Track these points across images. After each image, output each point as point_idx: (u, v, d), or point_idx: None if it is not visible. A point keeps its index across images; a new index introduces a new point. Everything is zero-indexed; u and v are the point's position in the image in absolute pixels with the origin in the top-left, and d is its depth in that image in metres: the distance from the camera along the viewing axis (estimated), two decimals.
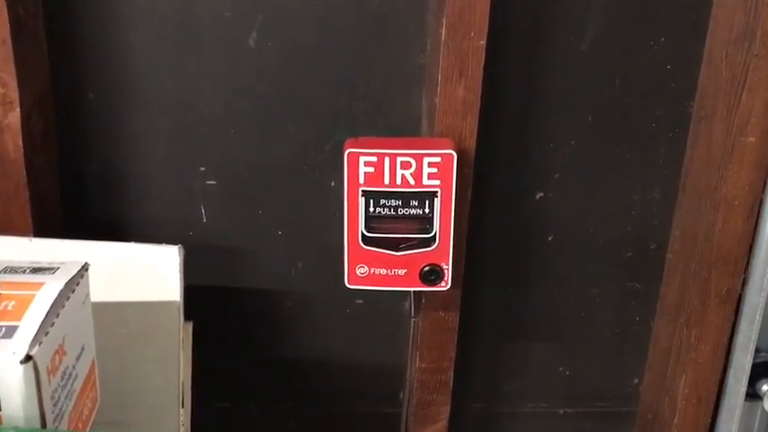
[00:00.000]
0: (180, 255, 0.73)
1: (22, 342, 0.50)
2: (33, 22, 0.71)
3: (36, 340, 0.50)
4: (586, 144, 0.83)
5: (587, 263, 0.88)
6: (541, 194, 0.85)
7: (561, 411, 0.94)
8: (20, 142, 0.70)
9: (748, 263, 0.77)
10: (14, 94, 0.69)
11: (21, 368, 0.49)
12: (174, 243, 0.71)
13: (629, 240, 0.87)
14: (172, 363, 0.74)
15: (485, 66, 0.71)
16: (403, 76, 0.78)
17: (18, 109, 0.69)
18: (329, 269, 0.83)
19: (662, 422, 0.87)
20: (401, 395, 0.90)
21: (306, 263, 0.85)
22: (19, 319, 0.52)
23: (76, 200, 0.80)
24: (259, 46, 0.77)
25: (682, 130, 0.82)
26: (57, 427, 0.53)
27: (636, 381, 0.93)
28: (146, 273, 0.73)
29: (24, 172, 0.71)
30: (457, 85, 0.71)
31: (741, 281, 0.77)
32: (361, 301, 0.87)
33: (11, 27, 0.67)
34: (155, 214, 0.81)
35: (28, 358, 0.49)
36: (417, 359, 0.83)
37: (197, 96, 0.78)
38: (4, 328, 0.51)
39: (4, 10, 0.66)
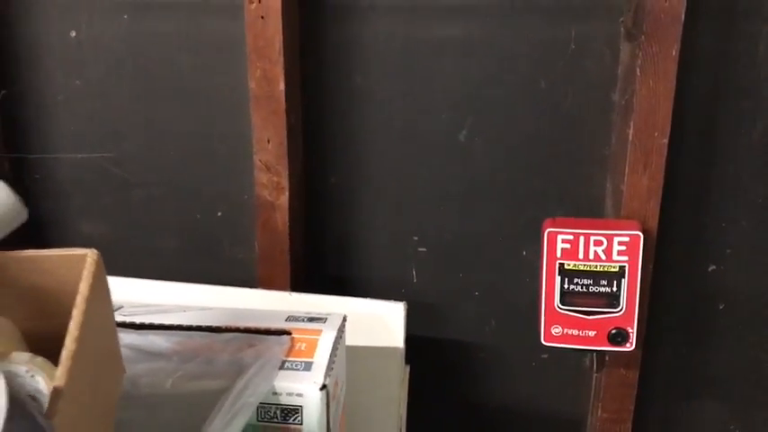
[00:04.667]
0: (404, 309, 0.89)
1: (319, 374, 0.67)
2: (297, 126, 0.91)
3: (327, 373, 0.68)
4: (757, 224, 0.92)
5: (756, 330, 0.96)
6: (714, 267, 0.95)
7: None
8: (286, 218, 0.90)
9: None
10: (285, 182, 0.89)
11: (319, 393, 0.66)
12: (389, 299, 0.89)
13: None
14: (394, 400, 0.90)
15: (669, 159, 0.84)
16: (588, 164, 0.92)
17: (287, 193, 0.89)
18: (519, 326, 0.97)
19: None
20: None
21: (497, 320, 0.99)
22: (311, 356, 0.70)
23: (316, 263, 0.99)
24: (467, 141, 0.93)
25: None
26: None
27: None
28: (376, 323, 0.90)
29: (288, 242, 0.91)
30: (642, 176, 0.84)
31: None
32: (546, 356, 1.00)
33: (287, 132, 0.87)
34: (377, 275, 0.99)
35: (323, 387, 0.67)
36: (600, 411, 0.94)
37: (415, 180, 0.95)
38: (303, 364, 0.69)
39: (284, 120, 0.87)
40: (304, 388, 0.66)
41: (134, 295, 0.86)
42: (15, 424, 0.40)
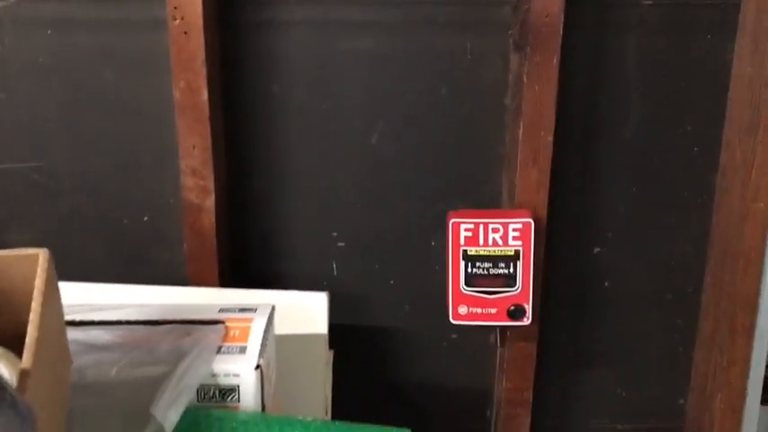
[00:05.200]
0: (326, 298, 0.98)
1: (252, 356, 0.75)
2: (220, 133, 0.98)
3: (260, 355, 0.75)
4: (633, 210, 1.05)
5: (638, 304, 1.10)
6: (598, 249, 1.07)
7: (620, 427, 1.15)
8: (213, 219, 0.97)
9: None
10: (211, 185, 0.96)
11: (254, 373, 0.74)
12: (312, 291, 0.97)
13: (670, 286, 1.09)
14: (320, 382, 0.98)
15: (555, 154, 0.96)
16: (486, 161, 1.03)
17: (213, 196, 0.96)
18: (431, 309, 1.07)
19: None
20: (488, 412, 1.12)
21: (411, 305, 1.09)
22: (245, 341, 0.77)
23: (243, 261, 1.06)
24: (378, 143, 1.02)
25: (708, 199, 1.05)
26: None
27: (681, 401, 1.14)
28: (301, 313, 0.97)
29: (215, 243, 0.97)
30: (531, 170, 0.96)
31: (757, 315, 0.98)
32: (455, 336, 1.10)
33: (211, 138, 0.94)
34: (300, 270, 1.07)
35: (258, 366, 0.74)
36: (504, 381, 1.05)
37: (332, 181, 1.04)
38: (238, 348, 0.76)
39: (208, 127, 0.93)
40: (240, 368, 0.73)
41: (69, 297, 0.90)
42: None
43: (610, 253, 1.07)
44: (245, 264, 1.06)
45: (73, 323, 0.77)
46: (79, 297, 0.90)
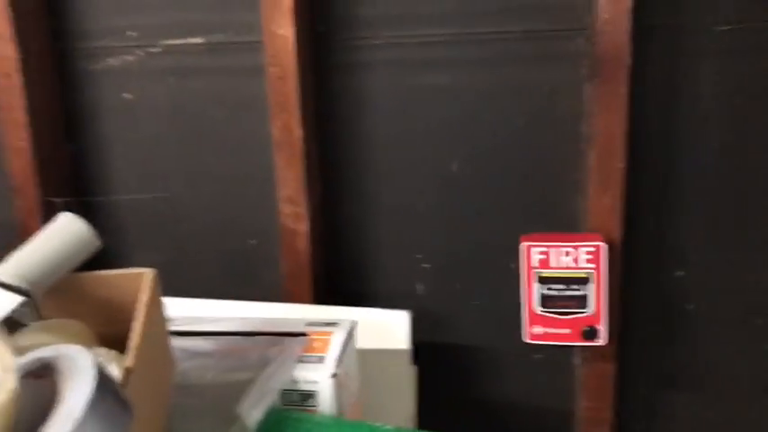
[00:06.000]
0: (408, 316, 1.05)
1: (330, 365, 0.84)
2: (314, 165, 1.08)
3: (337, 365, 0.84)
4: (716, 234, 1.05)
5: (725, 328, 1.09)
6: (680, 272, 1.08)
7: None
8: (307, 242, 1.07)
9: None
10: (304, 212, 1.07)
11: (330, 381, 0.82)
12: (397, 309, 1.04)
13: (760, 310, 1.07)
14: (403, 395, 1.06)
15: (625, 181, 0.98)
16: (562, 187, 1.07)
17: (307, 221, 1.07)
18: (513, 329, 1.12)
19: None
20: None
21: (494, 325, 1.14)
22: (324, 352, 0.86)
23: (335, 280, 1.16)
24: (458, 171, 1.09)
25: None
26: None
27: None
28: (385, 329, 1.05)
29: (309, 263, 1.08)
30: (604, 196, 0.99)
31: None
32: (538, 356, 1.14)
33: (305, 170, 1.05)
34: (385, 289, 1.15)
35: (334, 375, 0.83)
36: (583, 400, 1.08)
37: (416, 207, 1.11)
38: (317, 357, 0.85)
39: (301, 161, 1.04)
40: (318, 376, 0.82)
41: (182, 311, 1.03)
42: (102, 390, 0.57)
43: (692, 276, 1.08)
44: (338, 284, 1.15)
45: (179, 333, 0.89)
46: (189, 311, 1.03)
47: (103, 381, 0.58)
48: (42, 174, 1.12)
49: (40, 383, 0.58)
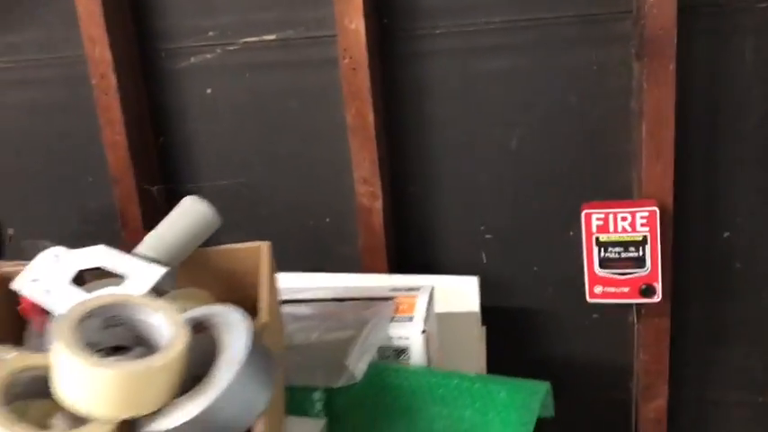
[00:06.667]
0: (477, 282, 1.15)
1: (419, 323, 0.94)
2: (385, 148, 1.18)
3: (425, 323, 0.94)
4: (760, 198, 1.14)
5: None
6: (728, 233, 1.17)
7: (760, 399, 1.22)
8: (381, 219, 1.17)
9: None
10: (378, 192, 1.17)
11: (421, 336, 0.93)
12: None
13: None
14: (474, 353, 1.16)
15: (675, 150, 1.07)
16: (616, 158, 1.16)
17: (380, 200, 1.17)
18: (572, 292, 1.21)
19: None
20: (630, 384, 1.24)
21: (558, 286, 1.23)
22: (412, 313, 0.96)
23: (405, 252, 1.26)
24: (517, 148, 1.18)
25: None
26: None
27: None
28: (456, 294, 1.15)
29: (384, 238, 1.18)
30: (656, 164, 1.08)
31: None
32: (596, 316, 1.23)
33: (377, 152, 1.15)
34: (452, 259, 1.25)
35: (424, 331, 0.93)
36: (641, 354, 1.17)
37: (478, 182, 1.21)
38: (407, 318, 0.95)
39: (374, 143, 1.14)
40: (409, 333, 0.93)
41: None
42: (254, 341, 0.68)
43: (739, 237, 1.16)
44: (408, 255, 1.26)
45: (281, 301, 1.00)
46: (282, 283, 1.14)
47: (253, 333, 0.68)
48: (137, 165, 1.23)
49: (198, 337, 0.68)
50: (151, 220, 1.24)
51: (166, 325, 0.66)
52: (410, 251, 1.26)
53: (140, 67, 1.25)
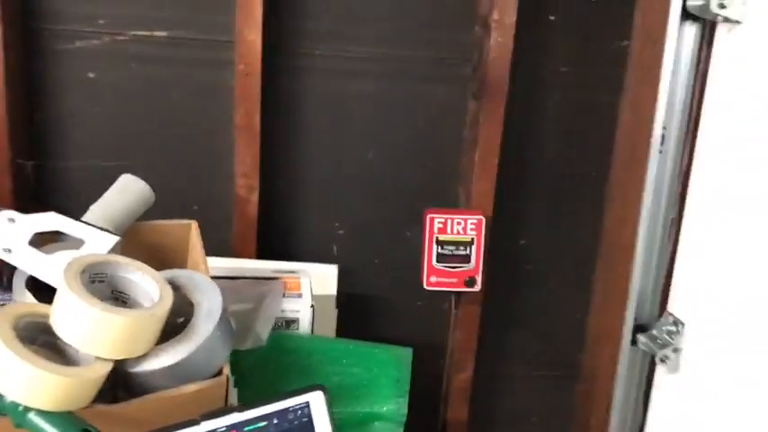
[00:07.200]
0: (336, 269, 1.35)
1: (308, 300, 1.12)
2: (263, 147, 1.34)
3: (312, 300, 1.12)
4: (548, 213, 1.49)
5: (553, 281, 1.53)
6: (524, 241, 1.50)
7: (535, 373, 1.58)
8: (256, 210, 1.33)
9: None
10: (256, 185, 1.32)
11: (310, 310, 1.11)
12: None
13: (576, 266, 1.53)
14: (330, 331, 1.36)
15: (498, 172, 1.37)
16: (447, 176, 1.44)
17: (257, 193, 1.32)
18: (404, 282, 1.46)
19: (593, 375, 1.51)
20: (443, 359, 1.52)
21: (394, 277, 1.48)
22: (299, 290, 1.14)
23: (270, 240, 1.42)
24: (372, 158, 1.41)
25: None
26: None
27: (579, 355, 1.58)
28: (318, 279, 1.34)
29: (256, 225, 1.33)
30: (484, 183, 1.37)
31: None
32: (421, 303, 1.50)
33: (260, 152, 1.30)
34: (309, 249, 1.44)
35: (312, 306, 1.11)
36: (457, 335, 1.46)
37: (337, 185, 1.42)
38: (297, 294, 1.13)
39: (258, 143, 1.29)
40: (300, 307, 1.11)
41: None
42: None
43: (531, 244, 1.50)
44: (272, 243, 1.42)
45: None
46: None
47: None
48: (12, 140, 1.25)
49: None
50: (22, 195, 1.28)
51: (149, 282, 0.78)
52: (273, 240, 1.42)
53: (26, 44, 1.27)
